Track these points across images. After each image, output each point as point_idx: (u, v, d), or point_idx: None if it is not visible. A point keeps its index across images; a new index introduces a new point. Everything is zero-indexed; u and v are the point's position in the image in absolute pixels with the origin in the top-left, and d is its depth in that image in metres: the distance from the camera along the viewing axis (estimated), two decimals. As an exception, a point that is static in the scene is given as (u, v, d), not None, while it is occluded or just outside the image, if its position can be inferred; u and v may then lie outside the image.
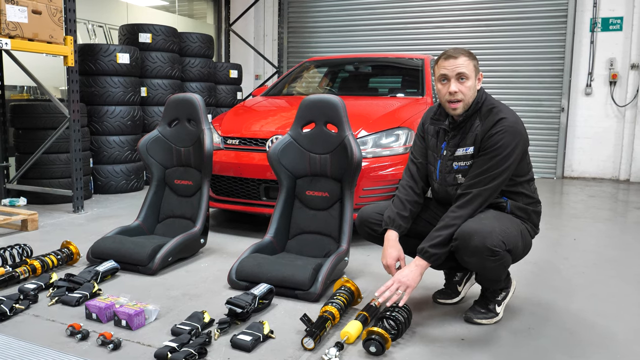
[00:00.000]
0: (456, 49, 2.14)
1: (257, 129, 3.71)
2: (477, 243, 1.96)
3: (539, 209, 2.24)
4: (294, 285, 2.44)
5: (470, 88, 2.11)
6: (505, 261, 2.05)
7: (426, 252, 2.05)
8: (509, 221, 2.09)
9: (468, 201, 2.06)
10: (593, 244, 3.64)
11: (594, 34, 6.69)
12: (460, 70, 2.08)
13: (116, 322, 2.12)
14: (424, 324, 2.21)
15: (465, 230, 2.00)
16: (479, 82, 2.15)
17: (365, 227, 2.36)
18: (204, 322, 2.08)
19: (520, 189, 2.16)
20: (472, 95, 2.12)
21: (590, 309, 2.43)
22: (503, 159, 2.04)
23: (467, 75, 2.08)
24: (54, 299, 2.36)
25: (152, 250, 2.79)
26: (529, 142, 2.15)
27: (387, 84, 5.48)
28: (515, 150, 2.05)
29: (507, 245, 2.00)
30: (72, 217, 4.16)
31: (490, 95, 2.20)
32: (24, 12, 3.72)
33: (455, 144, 2.18)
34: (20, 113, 4.61)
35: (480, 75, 2.15)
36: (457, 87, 2.09)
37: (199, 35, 6.34)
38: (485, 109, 2.13)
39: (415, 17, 7.58)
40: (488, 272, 2.09)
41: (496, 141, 2.04)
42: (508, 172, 2.06)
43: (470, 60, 2.11)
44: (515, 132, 2.06)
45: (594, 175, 6.90)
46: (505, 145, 2.03)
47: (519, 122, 2.10)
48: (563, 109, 6.90)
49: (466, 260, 2.05)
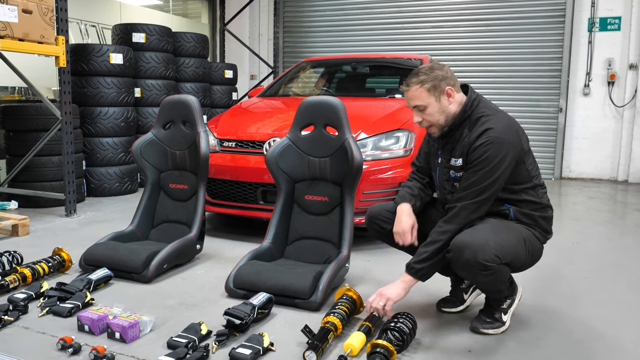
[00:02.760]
0: (410, 76, 2.06)
1: (254, 131, 3.63)
2: (469, 257, 1.90)
3: (549, 214, 2.16)
4: (293, 294, 2.36)
5: (433, 113, 2.05)
6: (501, 275, 1.98)
7: (412, 267, 2.03)
8: (507, 231, 2.00)
9: (454, 215, 2.00)
10: (595, 247, 3.59)
11: (592, 34, 6.66)
12: (414, 104, 2.07)
13: (109, 334, 2.04)
14: (429, 334, 2.14)
15: (457, 244, 1.95)
16: (449, 97, 2.05)
17: (374, 224, 2.31)
18: (202, 334, 2.01)
19: (523, 196, 2.08)
20: (442, 117, 2.07)
21: (597, 316, 2.37)
22: (488, 173, 1.95)
23: (422, 106, 2.05)
24: (44, 310, 2.27)
25: (146, 257, 2.71)
26: (525, 149, 2.04)
27: (385, 84, 5.41)
28: (503, 162, 1.94)
29: (503, 259, 1.93)
30: (64, 221, 4.06)
31: (482, 101, 2.09)
32: (14, 11, 3.62)
33: (449, 152, 2.14)
34: (11, 114, 4.51)
35: (448, 91, 2.04)
36: (420, 117, 2.08)
37: (194, 35, 6.24)
38: (474, 117, 2.05)
39: (412, 17, 7.51)
40: (483, 285, 2.05)
41: (480, 154, 1.97)
42: (496, 185, 1.97)
43: (422, 87, 2.02)
44: (502, 142, 1.95)
45: (592, 176, 6.87)
46: (490, 158, 1.94)
47: (508, 131, 1.98)
48: (561, 109, 6.86)
49: (459, 272, 2.01)
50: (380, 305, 2.02)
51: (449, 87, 2.05)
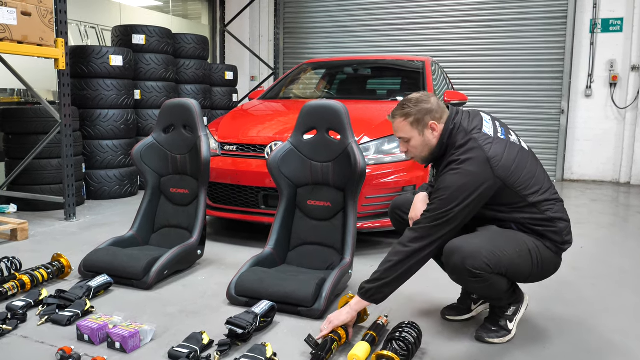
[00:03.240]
0: (396, 108, 2.05)
1: (255, 135, 3.59)
2: (456, 262, 1.90)
3: (558, 227, 2.01)
4: (296, 301, 2.33)
5: (416, 146, 2.06)
6: (493, 284, 1.93)
7: (361, 288, 2.02)
8: (507, 241, 1.94)
9: (410, 239, 1.94)
10: (600, 252, 3.55)
11: (594, 35, 6.62)
12: (399, 136, 2.09)
13: (109, 344, 2.00)
14: (435, 344, 2.10)
15: (450, 247, 1.94)
16: (434, 131, 2.01)
17: (395, 214, 2.34)
18: (203, 344, 1.97)
19: (517, 215, 1.99)
20: (425, 149, 2.06)
21: (605, 324, 2.34)
22: (444, 201, 1.89)
23: (406, 138, 2.06)
24: (43, 318, 2.23)
25: (147, 263, 2.67)
26: (502, 176, 1.90)
27: (387, 86, 5.38)
28: (461, 192, 1.86)
29: (494, 269, 1.89)
30: (64, 225, 4.03)
31: (460, 128, 1.98)
32: (13, 13, 3.59)
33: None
34: (10, 117, 4.48)
35: (432, 125, 1.99)
36: (405, 148, 2.11)
37: (194, 37, 6.21)
38: (449, 149, 2.01)
39: (414, 19, 7.48)
40: (476, 291, 2.04)
41: (439, 182, 1.95)
42: (452, 214, 1.87)
43: (405, 120, 2.01)
44: (463, 173, 1.88)
45: (594, 178, 6.84)
46: (447, 187, 1.89)
47: (474, 162, 1.88)
48: (563, 111, 6.83)
49: (450, 277, 2.01)
50: (323, 327, 2.01)
51: (433, 121, 2.00)
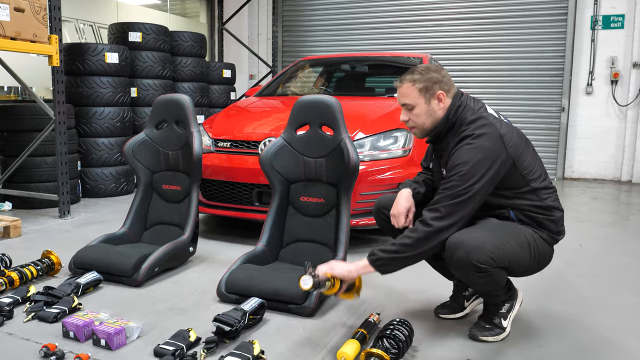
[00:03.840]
0: (406, 73, 2.02)
1: (249, 131, 3.55)
2: (461, 256, 1.84)
3: (555, 216, 2.01)
4: (287, 299, 2.29)
5: (420, 115, 2.00)
6: (496, 278, 1.90)
7: (373, 254, 1.91)
8: (508, 234, 1.91)
9: (435, 217, 1.87)
10: (599, 250, 3.50)
11: (595, 32, 6.56)
12: (403, 102, 2.03)
13: (95, 341, 1.97)
14: (427, 342, 2.06)
15: (452, 241, 1.87)
16: (440, 102, 1.98)
17: (380, 213, 2.26)
18: (190, 341, 1.93)
19: (519, 201, 1.97)
20: (428, 120, 2.01)
21: (602, 322, 2.29)
22: (464, 177, 1.84)
23: (411, 105, 2.00)
24: (30, 315, 2.20)
25: (137, 260, 2.63)
26: (513, 155, 1.90)
27: (384, 83, 5.33)
28: (479, 167, 1.84)
29: (499, 263, 1.85)
30: (58, 223, 3.99)
31: (467, 107, 1.98)
32: (6, 9, 3.55)
33: (438, 160, 2.10)
34: (5, 115, 4.45)
35: (439, 95, 1.97)
36: (406, 116, 2.04)
37: (191, 34, 6.17)
38: (457, 125, 1.98)
39: (413, 16, 7.43)
40: (478, 287, 1.98)
41: (455, 159, 1.90)
42: (473, 191, 1.84)
43: (414, 86, 1.97)
44: (479, 148, 1.86)
45: (595, 177, 6.78)
46: (464, 163, 1.85)
47: (488, 137, 1.88)
48: (563, 108, 6.77)
49: (452, 271, 1.95)
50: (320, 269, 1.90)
51: (441, 91, 1.98)
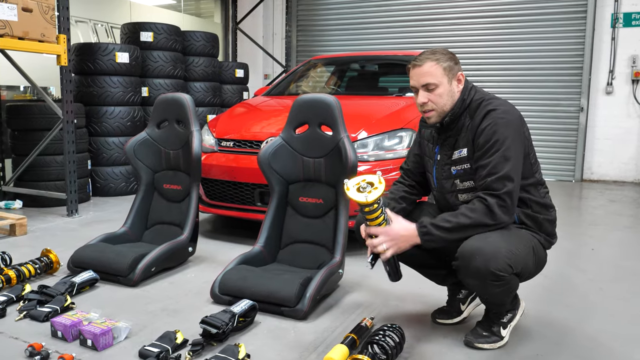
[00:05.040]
0: (425, 53, 1.94)
1: (252, 131, 3.52)
2: (479, 265, 1.75)
3: (552, 216, 1.99)
4: (279, 301, 2.24)
5: (442, 95, 1.92)
6: (512, 285, 1.83)
7: (424, 226, 1.81)
8: (518, 238, 1.85)
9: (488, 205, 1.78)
10: (612, 254, 3.37)
11: (616, 30, 6.36)
12: (426, 81, 1.91)
13: (82, 341, 1.95)
14: (419, 348, 1.99)
15: (467, 249, 1.78)
16: (459, 83, 1.94)
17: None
18: (176, 343, 1.90)
19: (525, 195, 1.92)
20: (449, 101, 1.93)
21: (608, 331, 2.18)
22: (505, 152, 1.80)
23: (435, 84, 1.90)
24: (22, 314, 2.20)
25: (133, 260, 2.62)
26: (528, 137, 1.93)
27: (395, 82, 5.25)
28: (515, 141, 1.83)
29: (515, 269, 1.79)
30: (65, 221, 4.02)
31: (479, 89, 1.99)
32: (14, 9, 3.59)
33: (450, 146, 1.99)
34: (16, 114, 4.51)
35: (459, 76, 1.94)
36: (426, 97, 1.92)
37: (203, 34, 6.18)
38: (474, 104, 1.94)
39: (429, 14, 7.32)
40: (491, 297, 1.88)
41: (489, 137, 1.83)
42: (516, 164, 1.82)
43: (438, 64, 1.90)
44: (510, 122, 1.85)
45: (614, 179, 6.57)
46: (502, 139, 1.81)
47: (512, 111, 1.89)
48: (582, 108, 6.58)
49: (467, 282, 1.84)
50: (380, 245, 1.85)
51: (461, 72, 1.96)
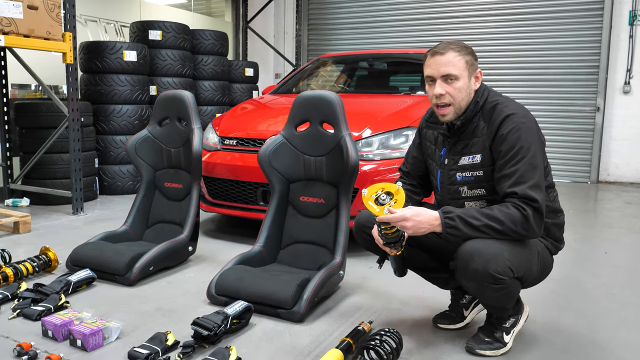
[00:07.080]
0: (445, 43, 1.84)
1: (255, 129, 3.47)
2: (478, 267, 1.66)
3: (561, 220, 1.93)
4: (275, 302, 2.18)
5: (462, 89, 1.81)
6: (512, 290, 1.75)
7: (450, 217, 1.69)
8: (521, 243, 1.77)
9: (518, 215, 1.67)
10: (627, 258, 3.25)
11: (634, 28, 6.18)
12: (447, 72, 1.79)
13: (72, 341, 1.91)
14: (418, 354, 1.91)
15: (466, 249, 1.70)
16: (476, 81, 1.85)
17: (362, 232, 2.06)
18: (167, 344, 1.85)
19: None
20: (466, 97, 1.83)
21: (619, 339, 2.08)
22: (531, 160, 1.72)
23: (455, 76, 1.79)
24: (15, 312, 2.17)
25: (130, 258, 2.58)
26: (544, 143, 1.85)
27: (405, 80, 5.17)
28: (536, 145, 1.76)
29: (516, 273, 1.71)
30: (70, 219, 4.02)
31: (492, 90, 1.90)
32: (19, 7, 3.59)
33: (458, 151, 1.89)
34: (24, 112, 4.52)
35: (477, 73, 1.85)
36: (444, 89, 1.80)
37: (212, 33, 6.16)
38: (487, 107, 1.83)
39: (441, 12, 7.21)
40: (490, 300, 1.79)
41: (513, 142, 1.73)
42: (541, 169, 1.76)
43: (461, 56, 1.80)
44: (530, 127, 1.77)
45: (632, 180, 6.39)
46: (526, 146, 1.73)
47: (529, 115, 1.81)
48: (598, 108, 6.41)
49: (465, 284, 1.76)
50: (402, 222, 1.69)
51: (479, 70, 1.87)
